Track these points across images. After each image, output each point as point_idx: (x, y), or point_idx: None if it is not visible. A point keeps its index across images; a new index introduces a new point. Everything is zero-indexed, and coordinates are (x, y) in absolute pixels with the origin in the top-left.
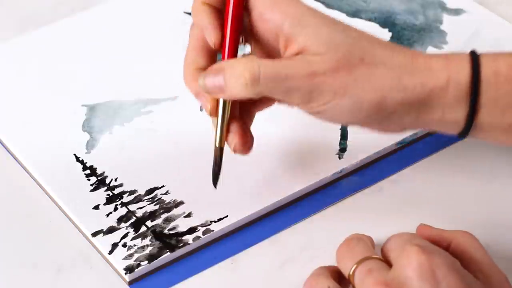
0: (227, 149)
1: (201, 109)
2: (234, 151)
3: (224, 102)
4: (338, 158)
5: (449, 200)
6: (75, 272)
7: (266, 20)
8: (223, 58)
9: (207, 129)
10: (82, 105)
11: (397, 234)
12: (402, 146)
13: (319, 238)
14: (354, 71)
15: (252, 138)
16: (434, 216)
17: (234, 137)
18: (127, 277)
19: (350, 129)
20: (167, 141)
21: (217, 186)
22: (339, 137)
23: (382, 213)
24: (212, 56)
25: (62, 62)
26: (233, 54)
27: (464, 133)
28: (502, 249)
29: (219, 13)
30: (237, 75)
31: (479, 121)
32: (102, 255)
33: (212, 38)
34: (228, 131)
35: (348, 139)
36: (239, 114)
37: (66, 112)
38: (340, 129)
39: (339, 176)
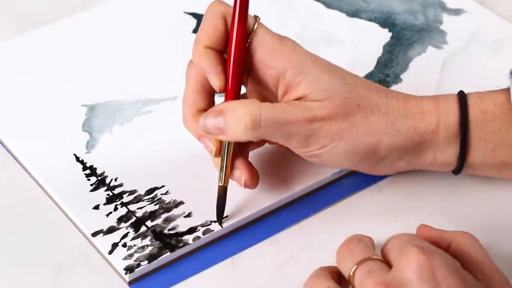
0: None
1: None
2: (245, 186)
3: (228, 142)
4: None
5: (449, 200)
6: (75, 272)
7: (268, 66)
8: (226, 100)
9: None
10: (82, 105)
11: (397, 235)
12: None
13: (319, 238)
14: (350, 117)
15: (257, 172)
16: (434, 216)
17: (242, 173)
18: (127, 277)
19: None
20: (167, 141)
21: (223, 224)
22: None
23: (382, 213)
24: (212, 97)
25: (62, 62)
26: (236, 96)
27: (457, 172)
28: (503, 250)
29: (221, 56)
30: (238, 118)
31: (470, 160)
32: (102, 255)
33: (217, 82)
34: (232, 169)
35: None
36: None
37: (66, 112)
38: None
39: (339, 176)
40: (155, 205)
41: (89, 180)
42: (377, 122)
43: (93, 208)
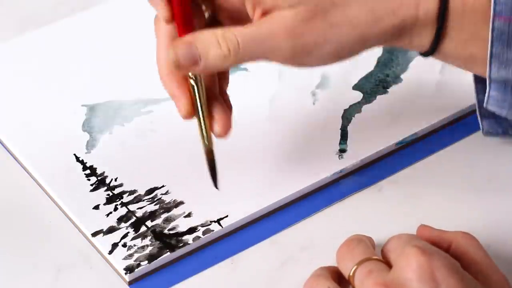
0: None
1: None
2: (218, 137)
3: (200, 100)
4: (338, 158)
5: (449, 200)
6: (75, 272)
7: None
8: (180, 31)
9: None
10: (82, 105)
11: (397, 235)
12: (402, 146)
13: (319, 238)
14: (328, 17)
15: (230, 119)
16: (434, 216)
17: (218, 125)
18: (127, 277)
19: (350, 130)
20: (167, 141)
21: (219, 186)
22: (339, 137)
23: (382, 213)
24: None
25: (62, 62)
26: (191, 25)
27: (426, 55)
28: (503, 250)
29: None
30: (215, 44)
31: (442, 48)
32: (102, 255)
33: (163, 13)
34: (211, 125)
35: (348, 139)
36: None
37: (66, 112)
38: (340, 129)
39: (339, 176)
40: (155, 205)
41: (89, 180)
42: (356, 14)
43: (93, 208)
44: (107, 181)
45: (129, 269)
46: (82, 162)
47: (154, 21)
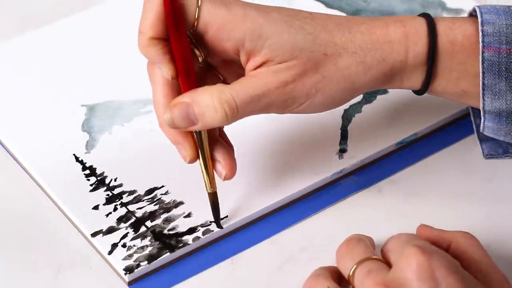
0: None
1: None
2: (225, 179)
3: (203, 145)
4: (338, 158)
5: (449, 200)
6: (74, 272)
7: (224, 40)
8: (184, 89)
9: None
10: (82, 105)
11: (397, 234)
12: (402, 146)
13: (319, 238)
14: (320, 69)
15: (234, 161)
16: (434, 216)
17: (223, 167)
18: (127, 278)
19: (351, 130)
20: (167, 141)
21: (223, 225)
22: (339, 138)
23: (382, 213)
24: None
25: (62, 62)
26: (193, 84)
27: (419, 94)
28: (503, 250)
29: (168, 45)
30: (212, 109)
31: (434, 87)
32: (102, 256)
33: (168, 72)
34: (213, 169)
35: (348, 139)
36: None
37: (66, 112)
38: (340, 129)
39: (339, 176)
40: (154, 205)
41: (88, 180)
42: (347, 65)
43: (92, 208)
44: (107, 181)
45: (128, 270)
46: (81, 162)
47: (148, 67)
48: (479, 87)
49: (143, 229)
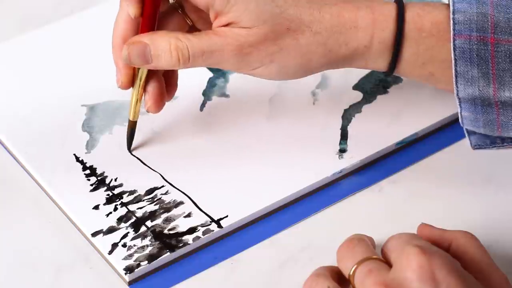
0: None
1: (201, 109)
2: (147, 111)
3: (141, 77)
4: (338, 158)
5: (449, 200)
6: (75, 272)
7: None
8: (142, 30)
9: (207, 129)
10: (82, 105)
11: (397, 234)
12: (402, 146)
13: (319, 238)
14: (279, 41)
15: (164, 97)
16: (434, 216)
17: (149, 98)
18: (127, 277)
19: (350, 130)
20: (167, 141)
21: (132, 151)
22: (339, 137)
23: (382, 213)
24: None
25: (62, 62)
26: (153, 27)
27: (386, 75)
28: (503, 250)
29: None
30: (167, 52)
31: (401, 69)
32: (102, 255)
33: (133, 10)
34: (141, 99)
35: (348, 139)
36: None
37: (66, 112)
38: (340, 129)
39: (339, 176)
40: (155, 205)
41: (89, 180)
42: (307, 43)
43: (93, 208)
44: (107, 181)
45: (129, 269)
46: (82, 162)
47: (120, 1)
48: (449, 71)
49: (143, 229)
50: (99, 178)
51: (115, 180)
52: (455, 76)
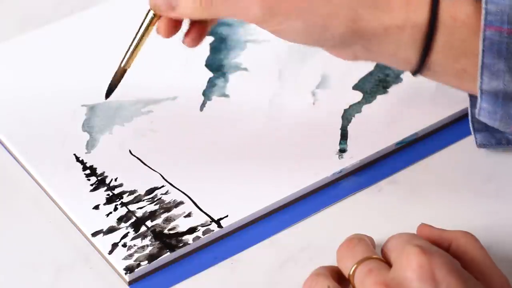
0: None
1: (201, 109)
2: (157, 31)
3: (146, 23)
4: (338, 158)
5: (449, 200)
6: (75, 272)
7: None
8: None
9: (207, 129)
10: (82, 105)
11: (397, 234)
12: (402, 146)
13: (319, 238)
14: None
15: (176, 27)
16: (434, 216)
17: (163, 19)
18: (127, 277)
19: (350, 130)
20: (167, 141)
21: (108, 98)
22: (339, 137)
23: (382, 213)
24: None
25: (62, 62)
26: None
27: (416, 72)
28: (503, 250)
29: None
30: None
31: (431, 63)
32: (102, 255)
33: None
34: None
35: (348, 139)
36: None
37: (66, 112)
38: (340, 129)
39: (339, 176)
40: (155, 205)
41: (89, 180)
42: (339, 3)
43: (93, 208)
44: (107, 181)
45: (129, 269)
46: (82, 162)
47: None
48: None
49: (143, 228)
50: (99, 178)
51: (115, 180)
52: (481, 68)
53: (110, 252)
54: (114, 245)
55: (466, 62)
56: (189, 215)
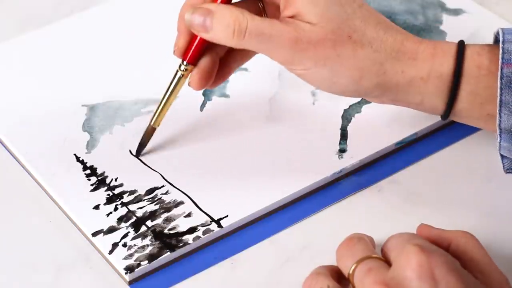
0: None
1: (201, 109)
2: (188, 84)
3: (172, 88)
4: (338, 158)
5: (449, 200)
6: (75, 272)
7: None
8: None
9: (207, 129)
10: (82, 105)
11: (397, 234)
12: (402, 146)
13: (319, 238)
14: (338, 47)
15: (210, 79)
16: (434, 216)
17: (196, 73)
18: (127, 277)
19: (350, 130)
20: (167, 141)
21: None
22: (339, 137)
23: (382, 213)
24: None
25: (62, 62)
26: (228, 1)
27: (443, 118)
28: (503, 250)
29: None
30: (226, 23)
31: (458, 110)
32: (102, 255)
33: None
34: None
35: (348, 139)
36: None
37: (66, 112)
38: (340, 129)
39: (339, 176)
40: (155, 205)
41: (89, 180)
42: (365, 58)
43: (93, 208)
44: (107, 181)
45: (129, 269)
46: (82, 162)
47: None
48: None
49: (143, 228)
50: (99, 178)
51: (116, 180)
52: (499, 106)
53: (111, 252)
54: (114, 245)
55: (491, 108)
56: (189, 215)
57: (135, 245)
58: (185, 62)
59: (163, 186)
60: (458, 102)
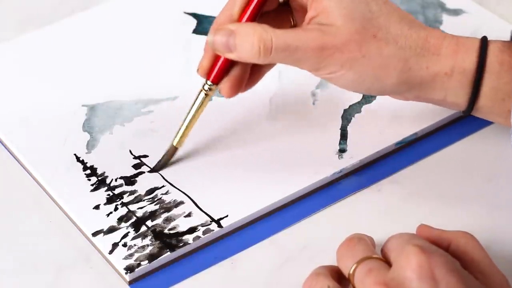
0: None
1: None
2: (219, 91)
3: (197, 108)
4: (337, 158)
5: (449, 200)
6: (75, 272)
7: None
8: (240, 19)
9: (207, 129)
10: (83, 105)
11: (397, 234)
12: (402, 146)
13: (319, 238)
14: (364, 47)
15: (238, 89)
16: (434, 216)
17: (227, 81)
18: (127, 277)
19: (350, 130)
20: (167, 141)
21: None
22: (339, 137)
23: (382, 213)
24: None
25: (62, 62)
26: (252, 19)
27: (465, 113)
28: (503, 250)
29: None
30: (250, 43)
31: (480, 105)
32: (103, 255)
33: (236, 10)
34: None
35: (348, 139)
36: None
37: (66, 112)
38: (340, 129)
39: (339, 176)
40: (155, 205)
41: (89, 180)
42: (390, 55)
43: (93, 208)
44: (108, 181)
45: (129, 269)
46: (82, 162)
47: None
48: None
49: (143, 228)
50: (99, 178)
51: (116, 180)
52: None
53: (111, 252)
54: (115, 245)
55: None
56: (189, 215)
57: (135, 245)
58: (209, 82)
59: (163, 186)
60: (480, 98)
